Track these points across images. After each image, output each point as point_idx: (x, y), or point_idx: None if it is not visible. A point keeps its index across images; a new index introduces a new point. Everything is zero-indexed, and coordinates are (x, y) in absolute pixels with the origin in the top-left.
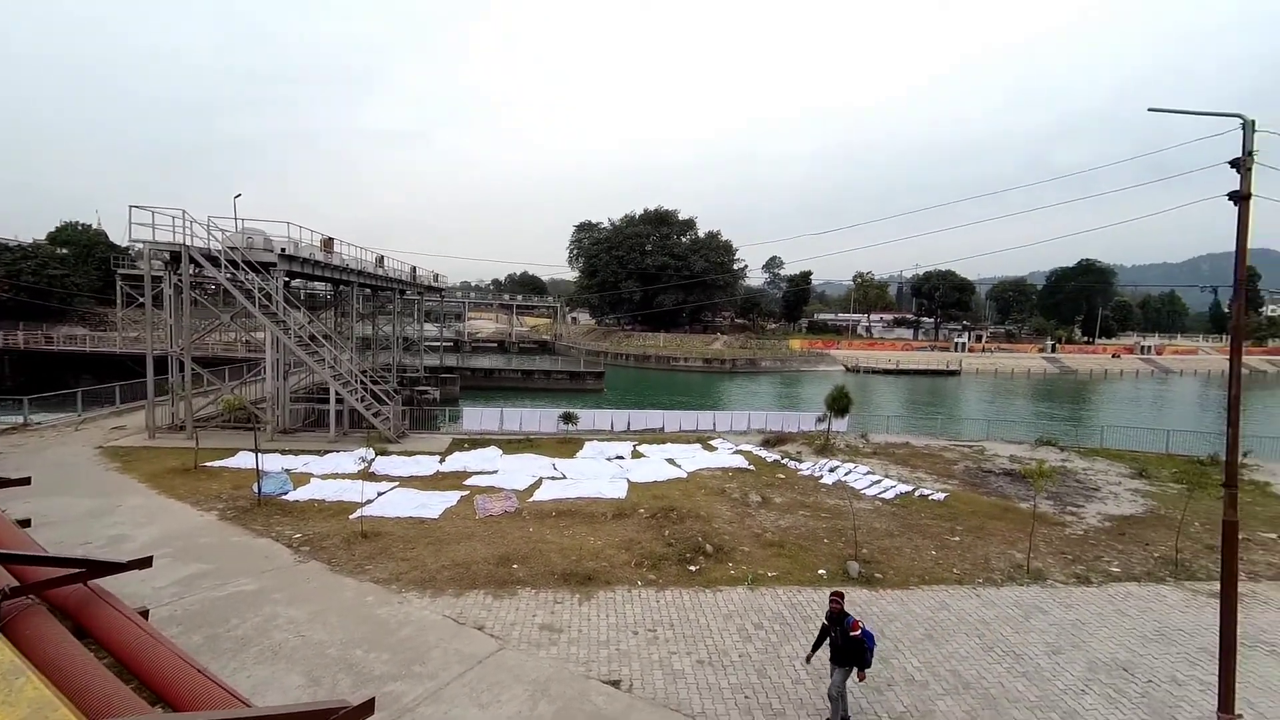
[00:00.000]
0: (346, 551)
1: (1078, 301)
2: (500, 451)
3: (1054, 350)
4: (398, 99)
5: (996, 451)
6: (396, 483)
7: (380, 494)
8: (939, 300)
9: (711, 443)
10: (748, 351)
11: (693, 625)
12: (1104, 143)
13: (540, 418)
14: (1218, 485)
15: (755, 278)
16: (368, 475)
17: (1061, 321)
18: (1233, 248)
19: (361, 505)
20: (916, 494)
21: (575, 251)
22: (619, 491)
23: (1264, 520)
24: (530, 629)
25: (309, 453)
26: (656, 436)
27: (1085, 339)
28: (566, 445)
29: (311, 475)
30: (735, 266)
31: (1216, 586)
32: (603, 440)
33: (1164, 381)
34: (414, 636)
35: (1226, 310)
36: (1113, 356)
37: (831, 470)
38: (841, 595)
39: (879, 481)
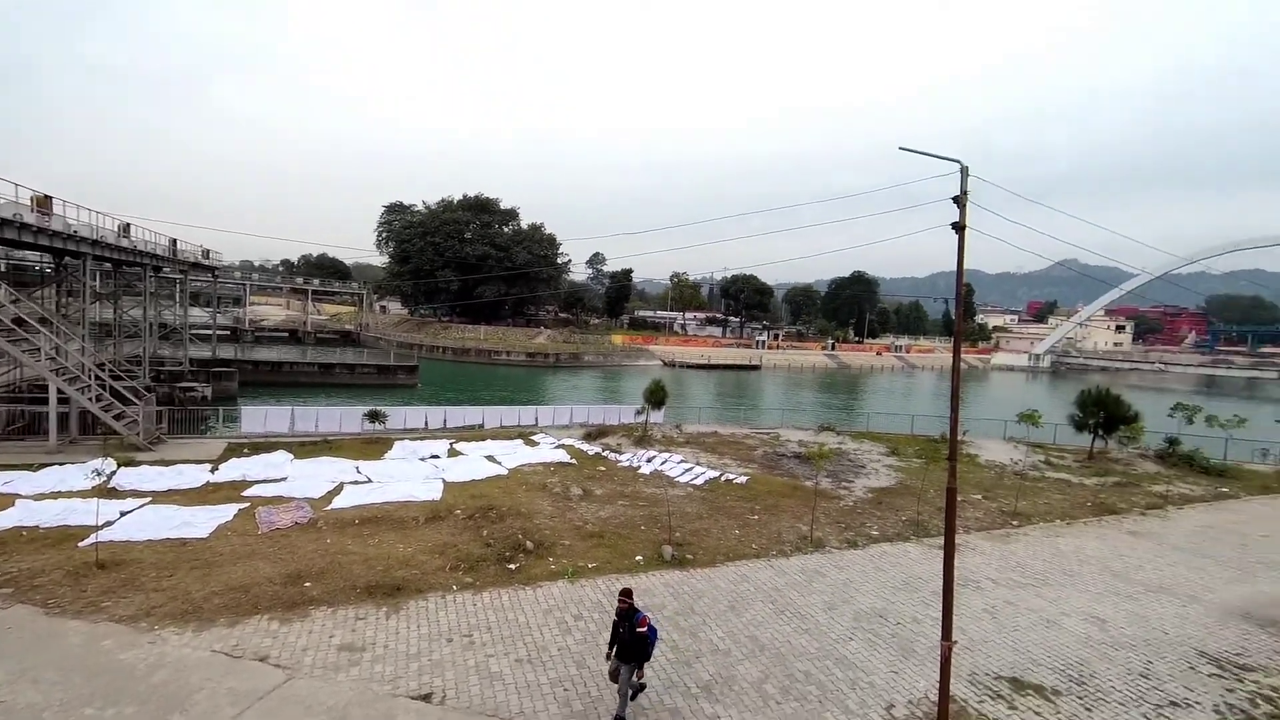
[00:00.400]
0: (73, 588)
1: (851, 306)
2: (290, 456)
3: (833, 348)
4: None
5: (789, 437)
6: (148, 499)
7: (124, 514)
8: (743, 302)
9: (534, 438)
10: (571, 346)
11: (512, 625)
12: (874, 173)
13: (341, 416)
14: (946, 459)
15: (579, 273)
16: (106, 492)
17: (839, 323)
18: (950, 267)
19: (97, 529)
20: (723, 479)
21: (384, 235)
22: (433, 493)
23: (973, 484)
24: (326, 652)
25: (16, 468)
26: (476, 433)
27: (857, 339)
28: (373, 446)
29: (18, 496)
30: (559, 260)
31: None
32: (416, 439)
33: (910, 375)
34: (171, 680)
35: (953, 317)
36: (877, 354)
37: (649, 460)
38: (630, 593)
39: (691, 469)
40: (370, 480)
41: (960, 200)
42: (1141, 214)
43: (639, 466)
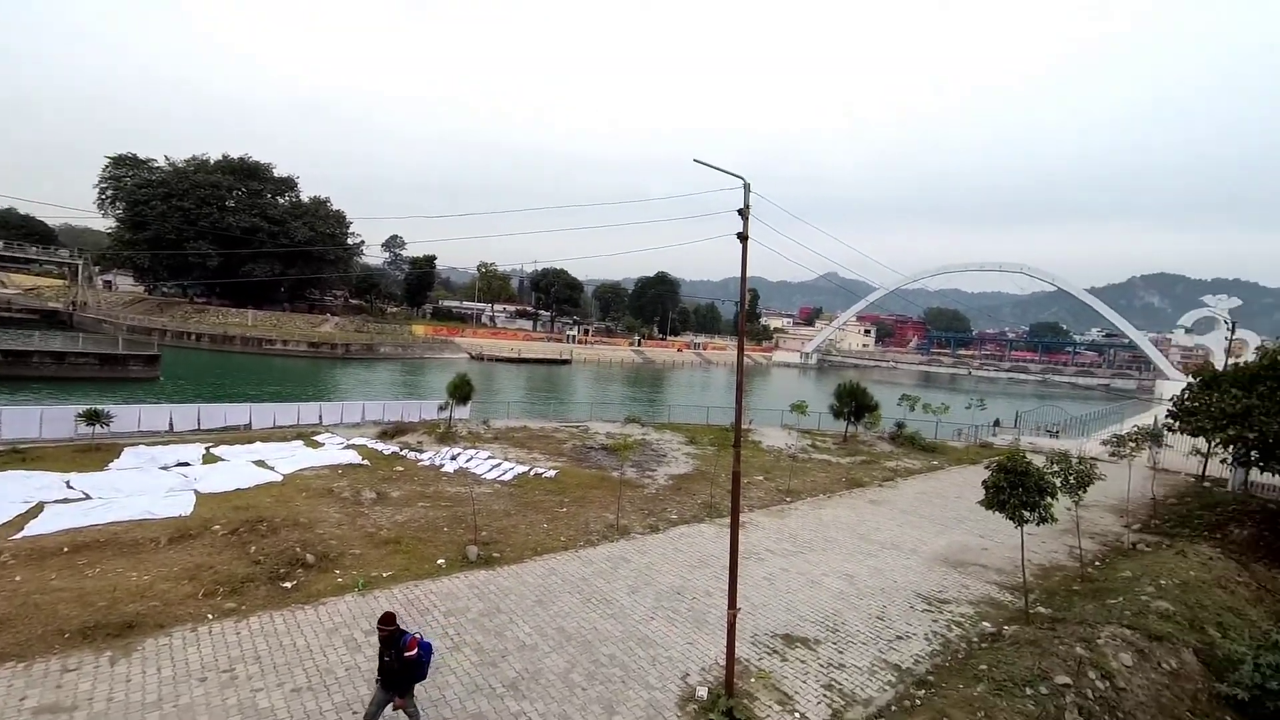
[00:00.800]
0: None
1: (656, 305)
2: None
3: (640, 344)
4: None
5: (597, 430)
6: None
7: None
8: (554, 296)
9: (317, 438)
10: (364, 336)
11: (288, 651)
12: (684, 182)
13: (43, 418)
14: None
15: (374, 257)
16: None
17: (645, 320)
18: (749, 273)
19: None
20: (532, 473)
21: (111, 193)
22: (180, 508)
23: (757, 467)
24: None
25: None
26: (241, 435)
27: (661, 336)
28: (92, 454)
29: None
30: (350, 241)
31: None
32: (156, 444)
33: (707, 370)
34: None
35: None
36: (678, 350)
37: (454, 458)
38: (391, 618)
39: (499, 465)
40: (88, 497)
41: (744, 213)
42: (888, 237)
43: (442, 465)
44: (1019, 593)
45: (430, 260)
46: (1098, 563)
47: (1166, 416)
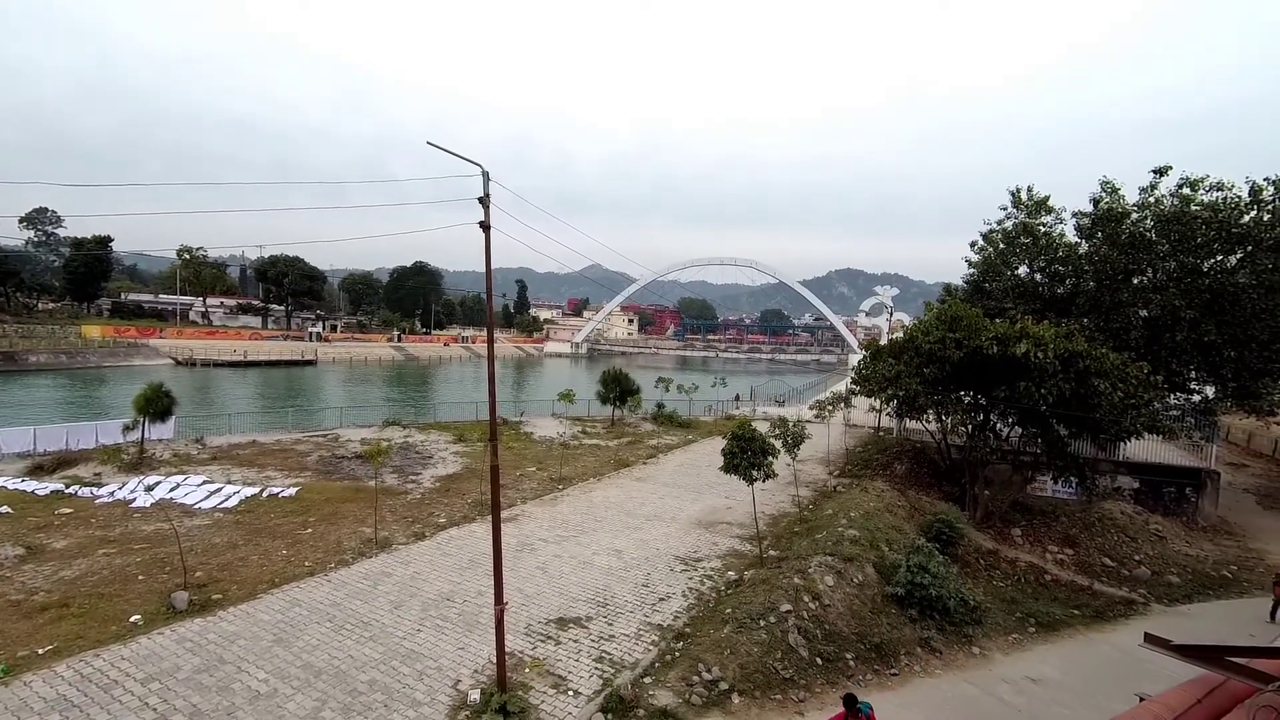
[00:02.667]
0: None
1: (416, 297)
2: None
3: (400, 339)
4: None
5: (350, 437)
6: None
7: None
8: (289, 287)
9: None
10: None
11: None
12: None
13: None
14: (509, 441)
15: (9, 236)
16: None
17: (404, 314)
18: (508, 264)
19: None
20: (265, 494)
21: None
22: None
23: (529, 459)
24: None
25: None
26: None
27: (424, 330)
28: None
29: None
30: None
31: (509, 514)
32: None
33: (477, 364)
34: None
35: (513, 310)
36: (444, 345)
37: (150, 489)
38: None
39: (219, 490)
40: None
41: (484, 201)
42: (637, 232)
43: (133, 499)
44: (756, 541)
45: (104, 242)
46: (810, 506)
47: (851, 383)
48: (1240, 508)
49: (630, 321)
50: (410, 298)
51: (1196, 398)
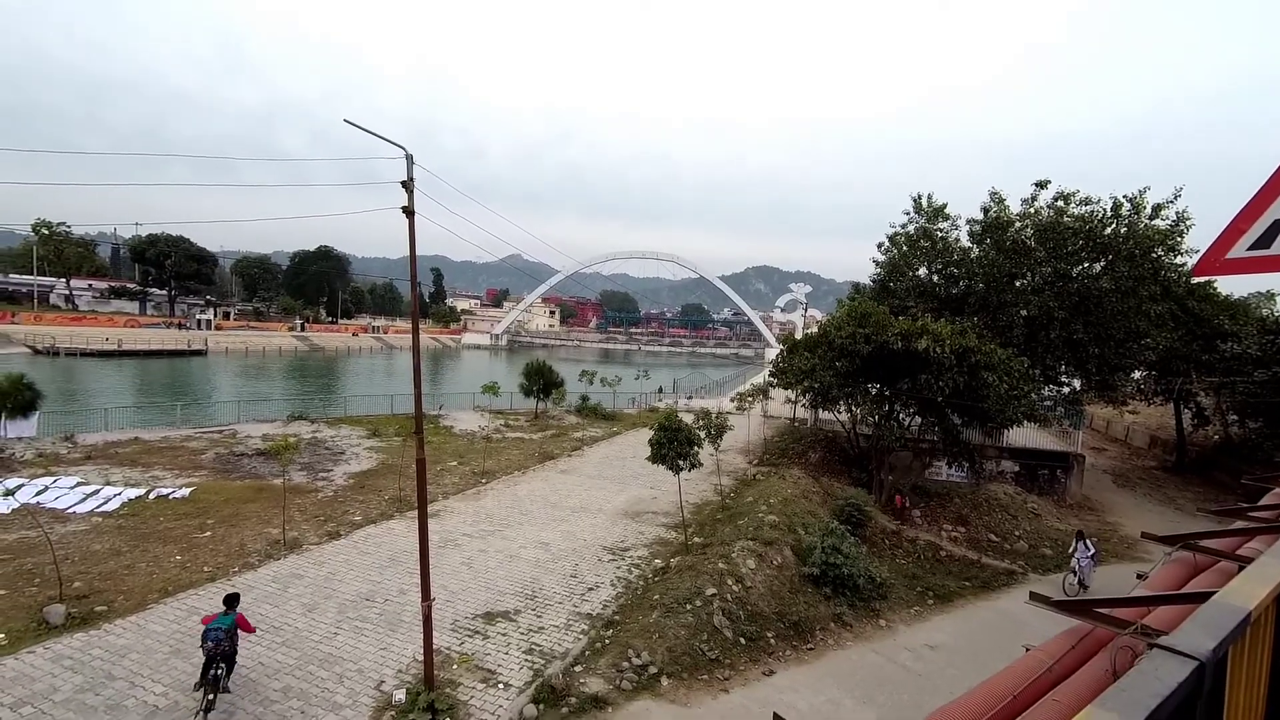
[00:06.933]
0: None
1: (320, 284)
2: None
3: (303, 329)
4: None
5: (249, 433)
6: None
7: None
8: (172, 270)
9: None
10: None
11: None
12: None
13: None
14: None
15: None
16: None
17: (308, 302)
18: (422, 251)
19: None
20: (153, 496)
21: None
22: None
23: (450, 453)
24: None
25: None
26: None
27: (330, 319)
28: None
29: None
30: None
31: (431, 509)
32: None
33: (390, 356)
34: None
35: (429, 300)
36: (353, 335)
37: (9, 493)
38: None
39: (97, 492)
40: None
41: (408, 186)
42: (550, 224)
43: None
44: (681, 529)
45: None
46: (732, 494)
47: (769, 375)
48: (1100, 486)
49: (552, 314)
50: (313, 284)
51: (1066, 389)
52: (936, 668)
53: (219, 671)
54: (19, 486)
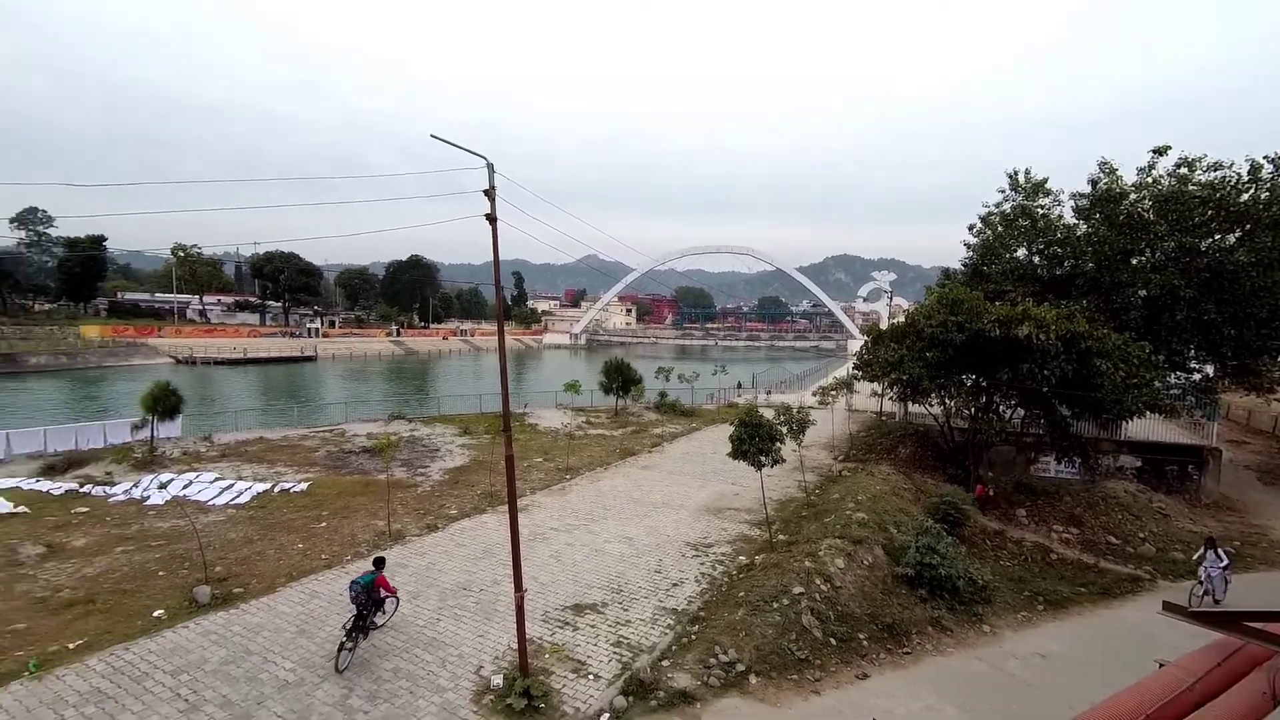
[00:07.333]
0: None
1: (413, 291)
2: None
3: (399, 334)
4: None
5: (356, 432)
6: None
7: None
8: (285, 284)
9: None
10: None
11: None
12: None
13: None
14: (512, 432)
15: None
16: None
17: (402, 308)
18: (503, 255)
19: None
20: (276, 490)
21: None
22: None
23: (535, 450)
24: None
25: None
26: None
27: (423, 324)
28: None
29: None
30: None
31: (519, 504)
32: None
33: (477, 357)
34: None
35: (512, 303)
36: (444, 338)
37: (162, 486)
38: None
39: (231, 486)
40: None
41: (489, 194)
42: (618, 220)
43: (147, 497)
44: (765, 526)
45: (98, 241)
46: (817, 490)
47: (852, 368)
48: (1241, 484)
49: (628, 311)
50: (406, 292)
51: (1196, 376)
52: (1049, 679)
53: (360, 621)
54: (169, 481)
